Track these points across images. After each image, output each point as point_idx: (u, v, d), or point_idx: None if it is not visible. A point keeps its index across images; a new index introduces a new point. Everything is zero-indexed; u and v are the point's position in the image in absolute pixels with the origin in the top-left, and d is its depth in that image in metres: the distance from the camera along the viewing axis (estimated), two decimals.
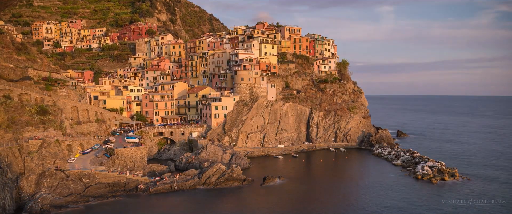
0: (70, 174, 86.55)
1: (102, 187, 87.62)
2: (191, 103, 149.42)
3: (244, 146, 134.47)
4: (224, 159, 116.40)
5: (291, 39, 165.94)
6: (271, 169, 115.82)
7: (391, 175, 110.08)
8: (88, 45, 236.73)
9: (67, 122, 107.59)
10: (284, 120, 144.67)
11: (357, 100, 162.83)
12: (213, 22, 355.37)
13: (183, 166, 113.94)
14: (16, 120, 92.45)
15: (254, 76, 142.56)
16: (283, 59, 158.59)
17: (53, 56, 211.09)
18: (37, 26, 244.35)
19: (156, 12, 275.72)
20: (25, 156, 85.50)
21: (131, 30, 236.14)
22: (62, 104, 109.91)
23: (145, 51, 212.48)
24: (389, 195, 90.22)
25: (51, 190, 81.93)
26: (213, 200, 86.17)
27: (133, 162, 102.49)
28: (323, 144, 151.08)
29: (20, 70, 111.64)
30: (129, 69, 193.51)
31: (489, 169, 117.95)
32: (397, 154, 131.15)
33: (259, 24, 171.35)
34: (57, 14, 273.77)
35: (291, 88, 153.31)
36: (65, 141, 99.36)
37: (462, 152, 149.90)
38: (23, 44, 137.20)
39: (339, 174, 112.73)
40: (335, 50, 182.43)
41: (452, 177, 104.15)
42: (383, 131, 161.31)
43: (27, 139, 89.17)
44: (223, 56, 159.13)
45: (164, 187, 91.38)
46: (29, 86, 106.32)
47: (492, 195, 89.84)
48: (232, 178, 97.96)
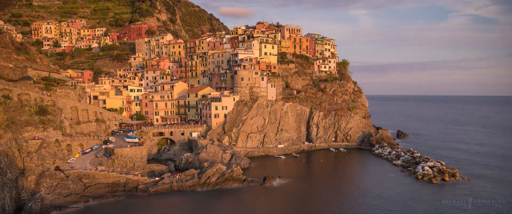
0: (69, 174, 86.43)
1: (101, 187, 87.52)
2: (191, 103, 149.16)
3: (244, 146, 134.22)
4: (224, 159, 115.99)
5: (291, 39, 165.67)
6: (271, 169, 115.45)
7: (392, 175, 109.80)
8: (88, 45, 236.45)
9: (67, 122, 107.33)
10: (284, 120, 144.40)
11: (357, 100, 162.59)
12: (213, 22, 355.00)
13: (183, 166, 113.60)
14: (16, 120, 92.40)
15: (254, 76, 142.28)
16: (283, 59, 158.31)
17: (52, 56, 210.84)
18: (37, 26, 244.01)
19: (156, 12, 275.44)
20: (25, 156, 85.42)
21: (131, 30, 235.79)
22: (62, 104, 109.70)
23: (145, 51, 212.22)
24: (389, 195, 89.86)
25: (50, 190, 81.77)
26: (213, 200, 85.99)
27: (133, 162, 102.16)
28: (323, 144, 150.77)
29: (19, 70, 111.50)
30: (129, 69, 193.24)
31: (489, 169, 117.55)
32: (397, 154, 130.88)
33: (259, 24, 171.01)
34: (56, 14, 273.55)
35: (291, 88, 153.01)
36: (64, 141, 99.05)
37: (464, 152, 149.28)
38: (23, 44, 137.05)
39: (339, 174, 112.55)
40: (335, 50, 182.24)
41: (453, 177, 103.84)
42: (383, 130, 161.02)
43: (26, 139, 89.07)
44: (223, 56, 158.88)
45: (164, 187, 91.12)
46: (29, 86, 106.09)
47: (492, 195, 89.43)
48: (232, 178, 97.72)
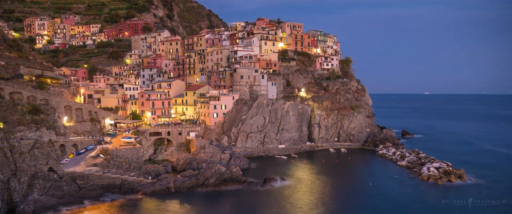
0: (63, 175, 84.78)
1: (96, 189, 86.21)
2: (189, 102, 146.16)
3: (243, 146, 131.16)
4: (223, 159, 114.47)
5: (292, 35, 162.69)
6: (271, 169, 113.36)
7: (396, 176, 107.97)
8: (82, 42, 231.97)
9: (61, 121, 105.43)
10: (285, 119, 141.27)
11: (361, 99, 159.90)
12: (211, 18, 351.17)
13: (181, 167, 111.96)
14: (8, 119, 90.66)
15: (254, 74, 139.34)
16: (284, 56, 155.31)
17: (46, 53, 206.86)
18: (30, 22, 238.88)
19: (153, 7, 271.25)
20: (17, 156, 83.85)
21: (127, 26, 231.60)
22: (55, 103, 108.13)
23: (141, 48, 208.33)
24: (393, 197, 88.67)
25: (43, 192, 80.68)
26: (212, 202, 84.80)
27: (129, 163, 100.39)
28: (325, 144, 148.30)
29: (11, 68, 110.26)
30: (125, 67, 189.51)
31: (497, 169, 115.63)
32: (402, 155, 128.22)
33: (259, 20, 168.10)
34: (50, 9, 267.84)
35: (293, 87, 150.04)
36: (58, 141, 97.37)
37: (470, 152, 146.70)
38: (15, 41, 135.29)
39: (342, 175, 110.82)
40: (338, 47, 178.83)
41: (459, 178, 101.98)
42: (388, 130, 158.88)
43: (19, 139, 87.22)
44: (222, 53, 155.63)
45: (160, 188, 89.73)
46: (21, 84, 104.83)
47: (498, 196, 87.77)
48: (231, 179, 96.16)
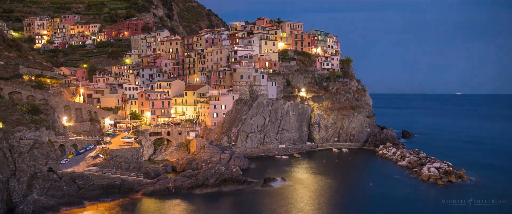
0: (63, 175, 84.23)
1: (96, 189, 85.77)
2: (188, 102, 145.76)
3: (243, 146, 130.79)
4: (222, 159, 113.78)
5: (292, 35, 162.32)
6: (271, 170, 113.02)
7: (396, 176, 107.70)
8: (82, 41, 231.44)
9: (60, 121, 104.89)
10: (285, 119, 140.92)
11: (361, 99, 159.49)
12: (211, 18, 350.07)
13: (180, 167, 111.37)
14: (7, 119, 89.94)
15: (254, 74, 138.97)
16: (284, 56, 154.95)
17: (45, 53, 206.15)
18: (29, 22, 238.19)
19: (152, 7, 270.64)
20: (16, 156, 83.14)
21: (126, 26, 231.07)
22: (55, 103, 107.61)
23: (140, 48, 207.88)
24: (393, 197, 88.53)
25: (43, 192, 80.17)
26: (211, 202, 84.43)
27: (128, 163, 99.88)
28: (325, 144, 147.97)
29: (11, 68, 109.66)
30: (124, 67, 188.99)
31: (497, 169, 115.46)
32: (402, 155, 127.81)
33: (259, 19, 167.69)
34: (49, 9, 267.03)
35: (293, 87, 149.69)
36: (57, 141, 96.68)
37: (471, 152, 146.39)
38: (15, 41, 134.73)
39: (342, 175, 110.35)
40: (338, 47, 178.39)
41: (460, 178, 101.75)
42: (388, 130, 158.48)
43: (18, 139, 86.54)
44: (222, 53, 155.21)
45: (160, 188, 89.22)
46: (21, 84, 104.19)
47: (498, 196, 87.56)
48: (231, 179, 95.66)
